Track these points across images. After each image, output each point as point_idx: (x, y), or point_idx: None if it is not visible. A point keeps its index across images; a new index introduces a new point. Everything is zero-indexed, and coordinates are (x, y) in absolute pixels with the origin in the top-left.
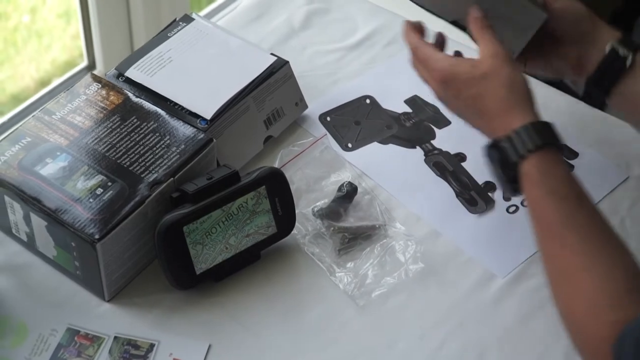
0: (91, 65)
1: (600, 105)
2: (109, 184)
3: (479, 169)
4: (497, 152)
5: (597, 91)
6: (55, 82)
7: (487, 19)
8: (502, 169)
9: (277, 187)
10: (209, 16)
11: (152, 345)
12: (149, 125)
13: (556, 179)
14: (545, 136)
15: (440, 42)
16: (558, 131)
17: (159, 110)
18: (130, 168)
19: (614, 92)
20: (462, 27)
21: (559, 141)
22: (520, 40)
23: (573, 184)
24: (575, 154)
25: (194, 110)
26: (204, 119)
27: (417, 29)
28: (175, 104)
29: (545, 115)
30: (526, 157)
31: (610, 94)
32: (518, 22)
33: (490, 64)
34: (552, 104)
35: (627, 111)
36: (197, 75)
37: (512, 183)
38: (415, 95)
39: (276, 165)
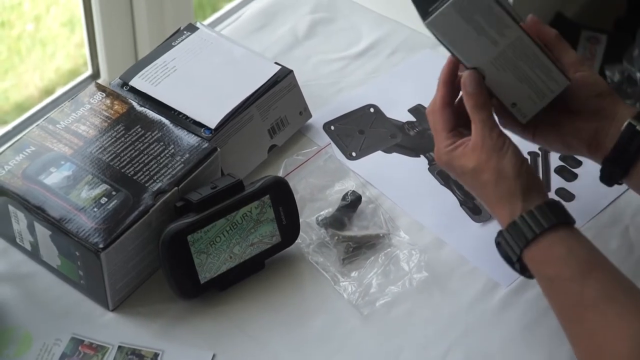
0: (95, 74)
1: (616, 183)
2: (113, 193)
3: None
4: (498, 249)
5: (615, 170)
6: (60, 91)
7: (492, 88)
8: (507, 263)
9: (281, 196)
10: (213, 25)
11: (156, 355)
12: (153, 134)
13: (557, 264)
14: (538, 223)
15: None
16: (559, 206)
17: (163, 119)
18: (135, 177)
19: (633, 171)
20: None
21: (555, 220)
22: (537, 104)
23: (574, 260)
24: (579, 163)
25: (198, 119)
26: (208, 128)
27: (451, 79)
28: (180, 113)
29: None
30: (523, 251)
31: (629, 173)
32: (537, 85)
33: (477, 158)
34: None
35: None
36: (202, 85)
37: (521, 273)
38: (419, 104)
39: (280, 174)
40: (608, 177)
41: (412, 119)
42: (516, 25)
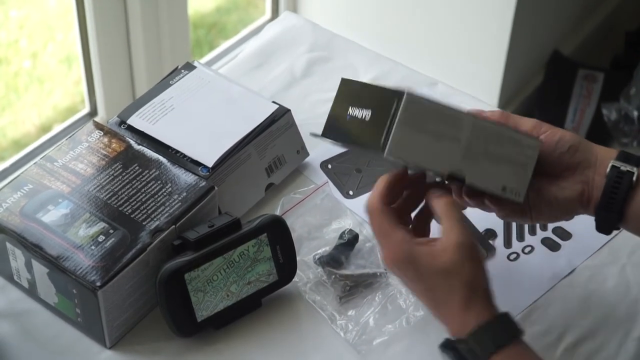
0: (93, 112)
1: (614, 230)
2: (111, 231)
3: (479, 216)
4: (454, 355)
5: (610, 216)
6: (57, 128)
7: (463, 190)
8: None
9: (278, 235)
10: (210, 63)
11: None
12: (150, 172)
13: None
14: (508, 331)
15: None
16: (516, 320)
17: (161, 158)
18: (132, 215)
19: (628, 213)
20: (460, 180)
21: (521, 332)
22: (523, 177)
23: None
24: None
25: (195, 158)
26: (205, 167)
27: (398, 182)
28: (177, 151)
29: None
30: (491, 357)
31: (625, 216)
32: (514, 158)
33: (452, 258)
34: None
35: None
36: (199, 123)
37: None
38: None
39: (277, 212)
40: (604, 226)
41: None
42: (465, 115)
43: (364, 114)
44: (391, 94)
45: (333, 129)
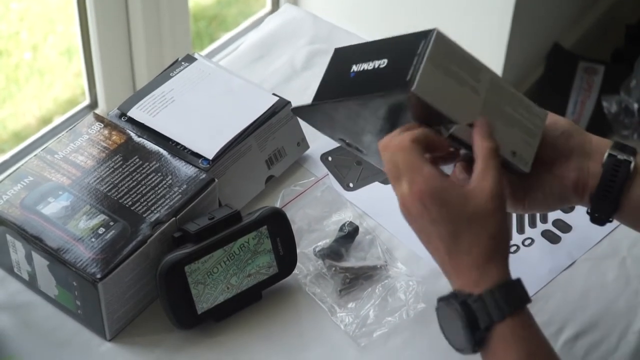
0: (93, 104)
1: (607, 221)
2: (111, 223)
3: None
4: (461, 310)
5: (605, 206)
6: (57, 121)
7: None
8: (467, 329)
9: (278, 227)
10: (210, 55)
11: None
12: (151, 165)
13: (531, 342)
14: (521, 296)
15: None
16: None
17: (161, 150)
18: (132, 208)
19: (624, 203)
20: (462, 143)
21: (529, 300)
22: (531, 145)
23: (546, 345)
24: None
25: (196, 150)
26: (206, 159)
27: (432, 141)
28: (178, 143)
29: None
30: (501, 321)
31: (620, 206)
32: (525, 125)
33: (485, 206)
34: None
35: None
36: (200, 115)
37: (474, 344)
38: None
39: (277, 205)
40: (598, 217)
41: None
42: (485, 67)
43: (377, 64)
44: (415, 37)
45: (329, 90)
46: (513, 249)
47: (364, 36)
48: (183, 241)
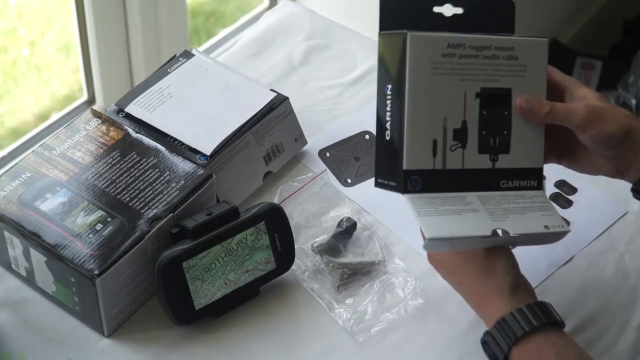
0: (91, 100)
1: None
2: (109, 219)
3: None
4: (485, 348)
5: None
6: (55, 117)
7: None
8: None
9: (276, 223)
10: (208, 51)
11: None
12: (148, 161)
13: None
14: (528, 321)
15: None
16: (549, 308)
17: (159, 146)
18: (130, 204)
19: None
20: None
21: (545, 320)
22: (553, 214)
23: None
24: (574, 190)
25: (193, 146)
26: (203, 155)
27: None
28: (175, 139)
29: None
30: (512, 349)
31: None
32: (530, 207)
33: (467, 257)
34: None
35: None
36: (197, 111)
37: None
38: None
39: (275, 200)
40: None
41: None
42: (465, 192)
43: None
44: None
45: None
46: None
47: (362, 32)
48: (181, 237)
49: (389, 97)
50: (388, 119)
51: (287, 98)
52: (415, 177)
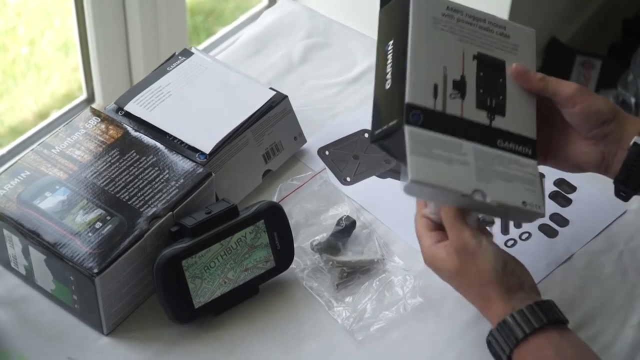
0: (90, 98)
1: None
2: (108, 218)
3: None
4: (490, 347)
5: (626, 190)
6: (54, 115)
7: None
8: None
9: (275, 221)
10: (207, 50)
11: None
12: (148, 159)
13: None
14: (528, 323)
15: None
16: (550, 306)
17: (158, 144)
18: (129, 202)
19: None
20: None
21: (546, 320)
22: (537, 193)
23: None
24: (573, 188)
25: (193, 144)
26: (203, 153)
27: None
28: (175, 138)
29: None
30: (513, 351)
31: None
32: (520, 177)
33: (458, 261)
34: None
35: None
36: (196, 110)
37: None
38: None
39: (275, 199)
40: (620, 196)
41: None
42: (463, 139)
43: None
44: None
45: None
46: (510, 243)
47: (361, 30)
48: (180, 235)
49: (389, 52)
50: (389, 70)
51: (286, 96)
52: (417, 110)
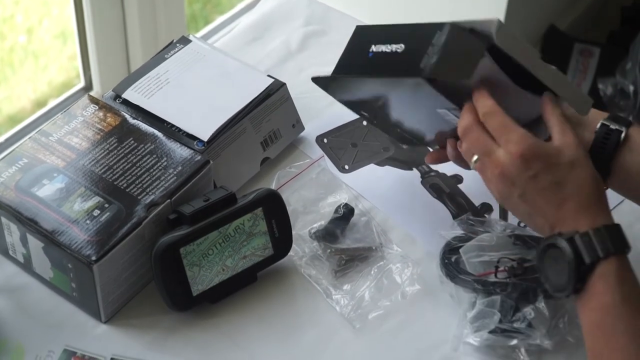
0: (88, 86)
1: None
2: (106, 205)
3: (475, 190)
4: (570, 247)
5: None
6: (52, 103)
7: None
8: (572, 264)
9: (273, 209)
10: (205, 37)
11: None
12: (146, 147)
13: (630, 286)
14: (623, 240)
15: None
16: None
17: (156, 132)
18: (127, 190)
19: (614, 170)
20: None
21: (629, 247)
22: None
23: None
24: None
25: (191, 132)
26: (201, 141)
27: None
28: (173, 125)
29: None
30: (605, 260)
31: (611, 172)
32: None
33: (577, 154)
34: None
35: (630, 188)
36: (195, 97)
37: (576, 281)
38: None
39: (273, 186)
40: None
41: None
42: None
43: (395, 48)
44: (430, 28)
45: (349, 65)
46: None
47: (359, 18)
48: (178, 223)
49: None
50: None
51: (284, 84)
52: None
